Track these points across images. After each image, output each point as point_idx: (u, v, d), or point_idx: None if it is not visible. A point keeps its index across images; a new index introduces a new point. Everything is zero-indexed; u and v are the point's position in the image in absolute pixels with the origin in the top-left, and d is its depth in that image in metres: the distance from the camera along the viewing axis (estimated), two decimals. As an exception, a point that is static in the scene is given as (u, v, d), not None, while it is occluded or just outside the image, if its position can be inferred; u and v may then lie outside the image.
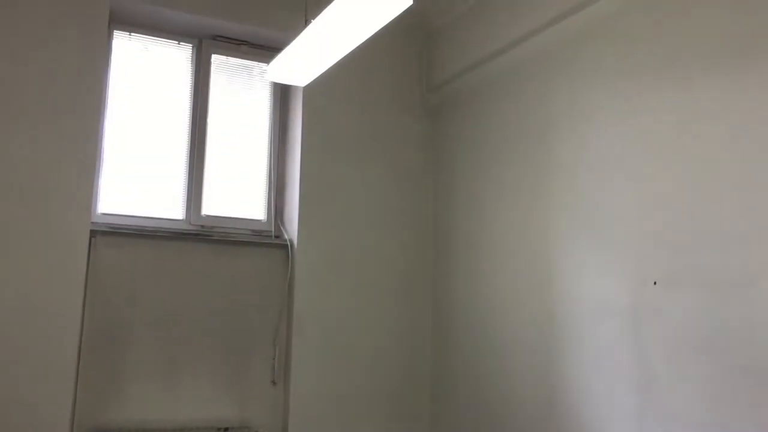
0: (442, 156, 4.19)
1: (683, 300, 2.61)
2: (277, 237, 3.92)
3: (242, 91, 4.04)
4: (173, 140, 3.84)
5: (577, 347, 3.04)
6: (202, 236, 3.73)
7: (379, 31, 2.72)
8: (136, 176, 3.74)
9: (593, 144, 3.08)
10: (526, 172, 3.48)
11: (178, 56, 3.93)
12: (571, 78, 3.25)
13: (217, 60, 3.99)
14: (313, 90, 3.92)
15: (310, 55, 2.92)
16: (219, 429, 3.52)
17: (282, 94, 4.13)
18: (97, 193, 3.59)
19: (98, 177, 3.61)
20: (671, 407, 2.60)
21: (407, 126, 4.21)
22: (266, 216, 3.99)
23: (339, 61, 3.04)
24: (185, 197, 3.82)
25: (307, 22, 2.77)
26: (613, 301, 2.90)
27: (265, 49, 4.05)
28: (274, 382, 3.76)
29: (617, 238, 2.92)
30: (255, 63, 4.08)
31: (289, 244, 3.88)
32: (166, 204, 3.78)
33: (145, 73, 3.83)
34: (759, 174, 2.39)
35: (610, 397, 2.85)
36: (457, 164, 4.04)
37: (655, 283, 2.73)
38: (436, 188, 4.21)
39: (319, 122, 3.95)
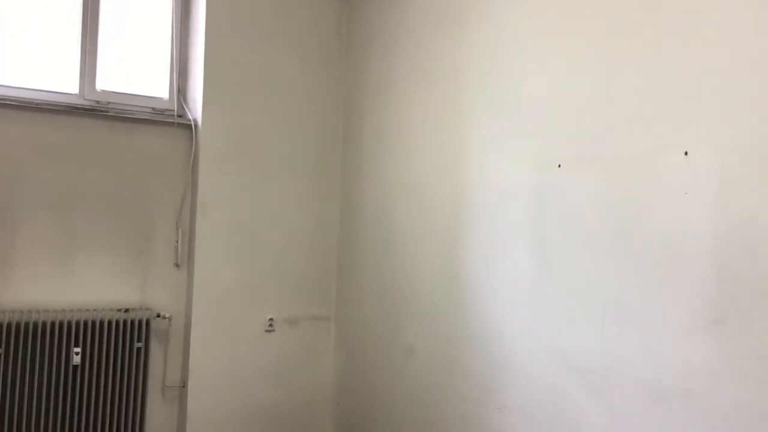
0: (355, 39, 4.06)
1: (585, 182, 2.68)
2: (180, 117, 3.74)
3: (141, -44, 3.73)
4: (66, 5, 3.53)
5: (483, 228, 3.10)
6: (97, 112, 3.50)
7: None
8: (24, 45, 3.43)
9: (509, 28, 3.04)
10: (440, 56, 3.42)
11: None
12: (489, -42, 3.16)
13: None
14: (220, -40, 3.67)
15: None
16: (119, 310, 3.43)
17: (185, -37, 3.85)
18: (-23, 59, 3.28)
19: (-22, 42, 3.29)
20: (568, 284, 2.71)
21: (319, 6, 4.03)
22: (169, 94, 3.78)
23: None
24: (79, 70, 3.55)
25: None
26: (518, 183, 2.95)
27: None
28: (177, 265, 3.68)
29: (526, 123, 2.94)
30: (155, -74, 3.75)
31: (192, 124, 3.71)
32: (58, 77, 3.51)
33: (29, -71, 3.45)
34: (659, 61, 2.42)
35: (512, 275, 2.95)
36: (371, 47, 3.92)
37: (559, 165, 2.79)
38: (348, 72, 4.10)
39: (225, -4, 3.72)
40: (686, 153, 2.35)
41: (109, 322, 3.39)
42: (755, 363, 2.12)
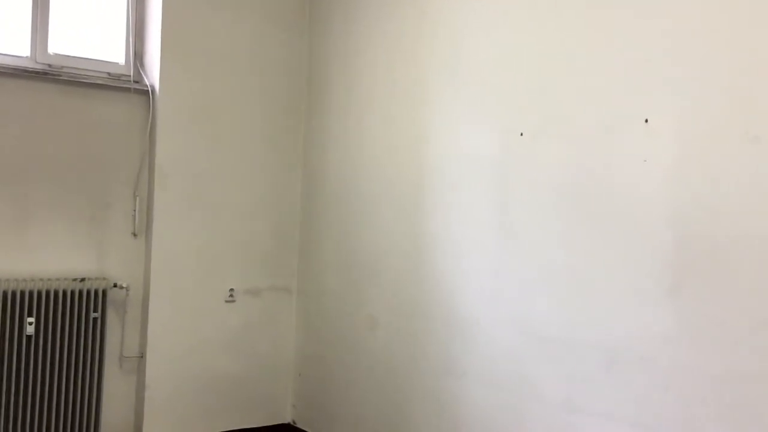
0: (320, 6, 3.98)
1: (547, 151, 2.68)
2: (136, 82, 3.63)
3: None
4: (13, -36, 3.39)
5: (447, 199, 3.09)
6: (49, 76, 3.39)
7: None
8: (-31, 3, 3.30)
9: (472, 2, 3.02)
10: (405, 26, 3.37)
11: None
12: None
13: None
14: None
15: None
16: (75, 279, 3.35)
17: None
18: None
19: None
20: (530, 252, 2.72)
21: (282, -29, 3.95)
22: (125, 58, 3.67)
23: None
24: (30, 31, 3.42)
25: None
26: (481, 153, 2.94)
27: None
28: (134, 234, 3.60)
29: (488, 93, 2.93)
30: None
31: (150, 90, 3.61)
32: (8, 38, 3.38)
33: None
34: (619, 31, 2.42)
35: (475, 245, 2.95)
36: (335, 16, 3.85)
37: (522, 134, 2.78)
38: (312, 38, 4.02)
39: (184, -43, 3.61)
40: (646, 120, 2.36)
41: (64, 292, 3.31)
42: (710, 328, 2.15)
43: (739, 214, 2.10)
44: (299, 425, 3.91)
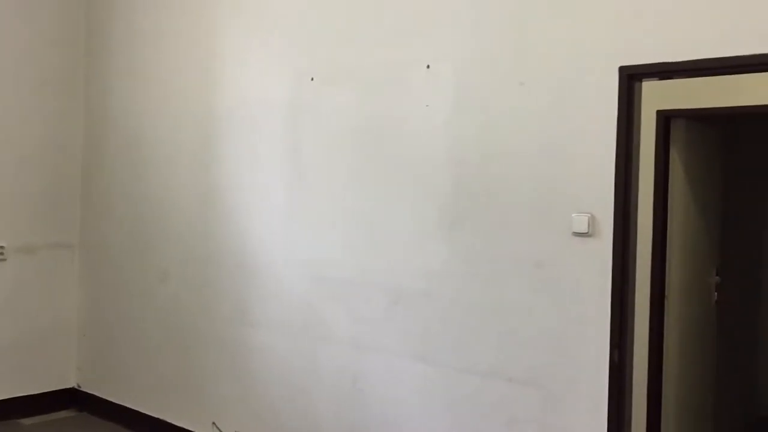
0: (96, -63, 3.65)
1: (336, 95, 2.69)
2: None
3: None
4: None
5: (238, 146, 3.02)
6: None
7: None
8: None
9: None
10: (190, -39, 3.20)
11: None
12: None
13: None
14: None
15: None
16: None
17: None
18: None
19: None
20: (320, 196, 2.74)
21: None
22: None
23: None
24: None
25: None
26: (273, 97, 2.89)
27: None
28: None
29: (279, 37, 2.87)
30: None
31: None
32: None
33: None
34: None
35: (267, 191, 2.91)
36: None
37: (312, 79, 2.77)
38: (88, -26, 3.68)
39: None
40: (428, 66, 2.44)
41: None
42: (484, 263, 2.31)
43: (509, 155, 2.25)
44: (85, 388, 3.67)
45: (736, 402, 3.75)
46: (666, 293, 3.11)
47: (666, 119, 3.09)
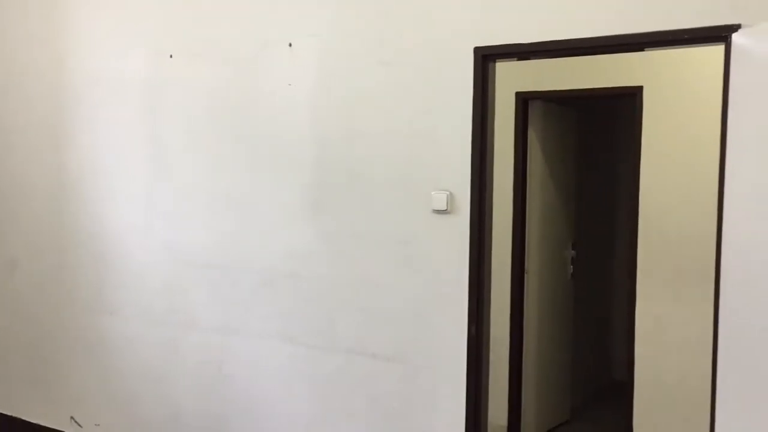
0: None
1: (197, 74, 2.59)
2: None
3: None
4: None
5: (93, 128, 2.85)
6: None
7: None
8: None
9: None
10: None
11: None
12: None
13: None
14: None
15: None
16: None
17: None
18: None
19: None
20: (183, 181, 2.64)
21: None
22: None
23: None
24: None
25: None
26: (129, 75, 2.74)
27: None
28: None
29: (136, 12, 2.73)
30: None
31: None
32: None
33: None
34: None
35: (126, 176, 2.77)
36: None
37: (171, 56, 2.65)
38: None
39: None
40: (290, 45, 2.39)
41: None
42: (348, 242, 2.31)
43: (371, 135, 2.26)
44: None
45: (592, 368, 4.00)
46: (526, 268, 3.25)
47: (524, 101, 3.21)
